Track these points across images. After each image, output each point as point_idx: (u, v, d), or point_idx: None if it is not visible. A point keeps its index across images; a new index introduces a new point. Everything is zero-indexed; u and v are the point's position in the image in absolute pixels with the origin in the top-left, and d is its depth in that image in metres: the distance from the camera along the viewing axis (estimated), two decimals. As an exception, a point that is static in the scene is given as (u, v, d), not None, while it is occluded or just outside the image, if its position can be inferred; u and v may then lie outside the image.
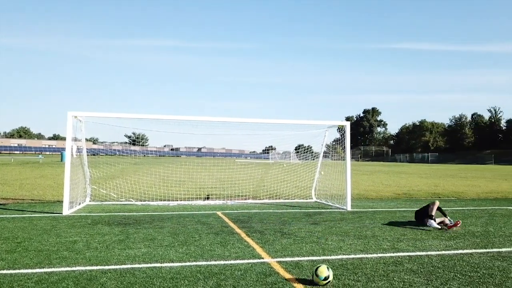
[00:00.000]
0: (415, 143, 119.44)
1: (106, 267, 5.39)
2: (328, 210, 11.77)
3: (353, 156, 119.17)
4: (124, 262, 5.64)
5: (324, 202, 13.47)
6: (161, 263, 5.62)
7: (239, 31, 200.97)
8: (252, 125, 12.47)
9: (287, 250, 6.50)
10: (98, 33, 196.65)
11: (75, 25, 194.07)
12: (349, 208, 11.83)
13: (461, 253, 6.51)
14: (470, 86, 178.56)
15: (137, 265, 5.51)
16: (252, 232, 7.98)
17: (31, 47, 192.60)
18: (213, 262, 5.71)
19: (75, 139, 11.34)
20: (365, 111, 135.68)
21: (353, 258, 6.10)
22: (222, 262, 5.72)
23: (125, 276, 5.01)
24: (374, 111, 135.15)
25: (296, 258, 6.01)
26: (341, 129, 13.22)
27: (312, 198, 14.40)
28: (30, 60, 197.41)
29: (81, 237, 7.30)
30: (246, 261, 5.82)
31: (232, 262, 5.76)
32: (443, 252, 6.58)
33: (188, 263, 5.65)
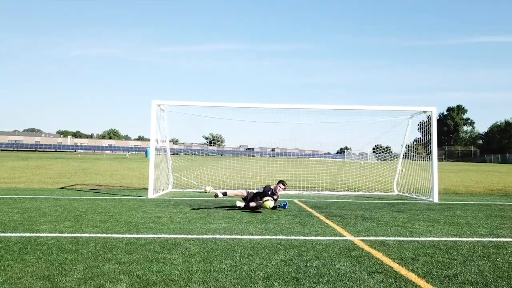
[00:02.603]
0: (508, 142, 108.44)
1: (189, 236, 5.52)
2: (412, 201, 11.05)
3: (436, 157, 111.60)
4: (205, 233, 5.74)
5: (407, 195, 12.68)
6: (241, 235, 5.62)
7: (310, 32, 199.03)
8: (330, 112, 12.14)
9: (370, 231, 6.16)
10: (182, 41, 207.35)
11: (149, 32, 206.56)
12: (436, 200, 10.99)
13: None
14: None
15: (218, 236, 5.57)
16: (332, 216, 7.72)
17: (119, 55, 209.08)
18: (292, 237, 5.58)
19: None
20: (449, 109, 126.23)
21: (445, 240, 5.59)
22: (302, 238, 5.57)
23: (207, 243, 5.09)
24: (460, 109, 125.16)
25: (381, 238, 5.65)
26: (423, 125, 12.37)
27: (394, 191, 13.65)
28: (117, 68, 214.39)
29: (165, 214, 7.61)
30: (327, 238, 5.61)
31: (313, 238, 5.57)
32: (555, 240, 5.77)
33: (267, 237, 5.58)
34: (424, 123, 13.42)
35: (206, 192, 12.23)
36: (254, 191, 8.92)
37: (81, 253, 4.54)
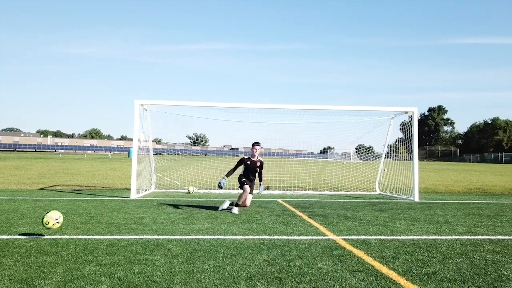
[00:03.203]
0: (486, 142, 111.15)
1: (172, 237, 5.49)
2: (393, 200, 11.22)
3: (417, 156, 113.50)
4: (188, 234, 5.72)
5: (389, 194, 12.87)
6: (224, 236, 5.62)
7: (298, 32, 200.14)
8: (313, 112, 12.22)
9: (352, 230, 6.23)
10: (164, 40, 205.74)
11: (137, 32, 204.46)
12: (416, 199, 11.18)
13: (551, 239, 5.83)
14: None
15: (201, 236, 5.55)
16: (315, 215, 7.78)
17: (102, 54, 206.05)
18: (276, 237, 5.60)
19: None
20: (430, 110, 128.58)
21: (425, 238, 5.70)
22: (285, 237, 5.59)
23: (190, 244, 5.07)
24: (440, 109, 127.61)
25: (363, 237, 5.73)
26: (405, 125, 12.59)
27: (375, 191, 13.83)
28: (98, 68, 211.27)
29: (147, 214, 7.55)
30: (310, 237, 5.65)
31: (296, 237, 5.61)
32: (530, 237, 5.95)
33: (251, 237, 5.59)
34: (405, 123, 13.64)
35: (189, 193, 12.19)
36: (244, 179, 8.27)
37: (61, 255, 4.46)
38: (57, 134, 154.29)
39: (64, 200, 9.63)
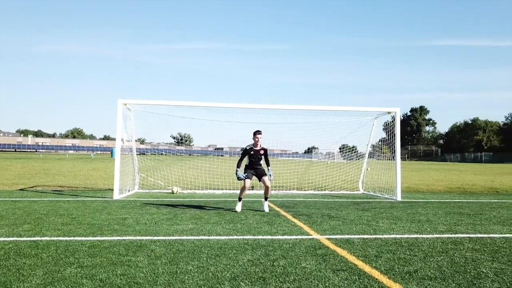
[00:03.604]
0: (467, 142, 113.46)
1: (155, 238, 5.44)
2: (376, 200, 11.35)
3: (400, 156, 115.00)
4: (172, 234, 5.67)
5: (372, 193, 13.02)
6: (208, 236, 5.59)
7: (276, 32, 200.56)
8: (298, 112, 12.27)
9: (336, 229, 6.28)
10: (147, 39, 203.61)
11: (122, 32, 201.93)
12: (399, 198, 11.35)
13: (528, 237, 5.99)
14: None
15: (185, 237, 5.52)
16: (299, 215, 7.81)
17: (85, 52, 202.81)
18: (260, 237, 5.61)
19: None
20: (412, 110, 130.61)
21: (407, 237, 5.78)
22: (269, 237, 5.60)
23: (173, 245, 5.03)
24: (422, 110, 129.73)
25: (346, 236, 5.78)
26: (388, 125, 12.77)
27: (359, 190, 13.97)
28: (81, 66, 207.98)
29: (130, 215, 7.46)
30: (294, 237, 5.67)
31: (280, 237, 5.62)
32: (508, 235, 6.09)
33: (235, 237, 5.58)
34: (388, 123, 13.84)
35: (173, 193, 12.10)
36: (247, 173, 8.20)
37: (41, 257, 4.37)
38: (38, 134, 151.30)
39: (44, 201, 9.45)
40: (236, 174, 8.23)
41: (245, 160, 8.53)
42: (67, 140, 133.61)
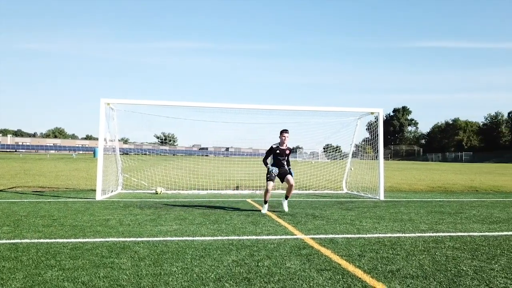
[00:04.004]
0: (448, 142, 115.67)
1: (139, 239, 5.38)
2: (360, 199, 11.48)
3: (383, 156, 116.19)
4: (156, 236, 5.62)
5: (356, 193, 13.16)
6: (192, 237, 5.56)
7: (259, 32, 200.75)
8: (282, 112, 12.31)
9: (320, 229, 6.32)
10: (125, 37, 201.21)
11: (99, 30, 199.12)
12: (382, 198, 11.50)
13: (506, 234, 6.15)
14: (505, 84, 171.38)
15: (169, 238, 5.48)
16: (283, 215, 7.84)
17: (67, 50, 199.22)
18: (245, 237, 5.60)
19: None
20: (395, 110, 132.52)
21: (390, 236, 5.86)
22: (254, 237, 5.61)
23: (157, 246, 4.98)
24: (405, 110, 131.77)
25: (330, 236, 5.82)
26: (371, 125, 12.93)
27: (343, 190, 14.10)
28: (63, 65, 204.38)
29: (113, 216, 7.37)
30: (278, 237, 5.69)
31: (265, 237, 5.63)
32: (487, 233, 6.23)
33: (220, 237, 5.57)
34: (372, 123, 14.00)
35: (157, 193, 12.00)
36: (274, 172, 8.08)
37: (21, 260, 4.28)
38: (18, 133, 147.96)
39: (24, 202, 9.25)
40: (270, 171, 8.15)
41: (270, 160, 8.46)
42: (48, 140, 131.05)
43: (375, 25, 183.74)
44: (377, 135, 12.37)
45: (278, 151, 8.31)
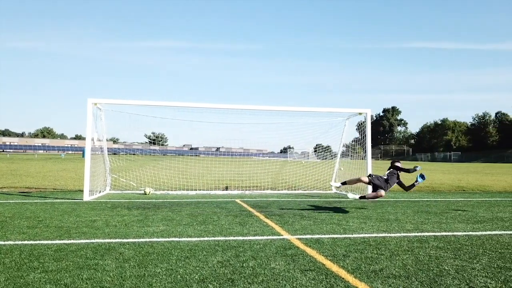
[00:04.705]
0: (436, 142, 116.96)
1: (125, 240, 5.36)
2: (348, 199, 11.53)
3: (373, 155, 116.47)
4: (142, 237, 5.61)
5: (344, 193, 13.23)
6: (179, 238, 5.56)
7: (249, 32, 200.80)
8: (273, 113, 12.35)
9: (307, 229, 6.36)
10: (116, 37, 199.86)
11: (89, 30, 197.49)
12: (370, 198, 11.57)
13: (489, 234, 6.24)
14: (492, 85, 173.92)
15: (155, 239, 5.47)
16: (271, 215, 7.87)
17: (55, 49, 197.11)
18: (231, 238, 5.61)
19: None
20: (384, 110, 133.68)
21: (375, 236, 5.91)
22: (240, 238, 5.62)
23: (143, 247, 4.97)
24: (394, 110, 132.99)
25: (317, 236, 5.86)
26: (360, 125, 13.04)
27: (331, 190, 14.17)
28: (50, 64, 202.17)
29: (100, 217, 7.32)
30: (265, 237, 5.71)
31: (251, 238, 5.65)
32: (470, 232, 6.32)
33: (206, 238, 5.57)
34: (361, 123, 14.08)
35: (146, 194, 11.95)
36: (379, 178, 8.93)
37: (3, 262, 4.24)
38: (5, 133, 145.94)
39: (10, 203, 9.15)
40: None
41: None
42: (36, 140, 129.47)
43: (365, 26, 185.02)
44: (365, 135, 12.47)
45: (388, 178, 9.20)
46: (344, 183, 9.12)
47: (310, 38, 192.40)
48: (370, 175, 9.06)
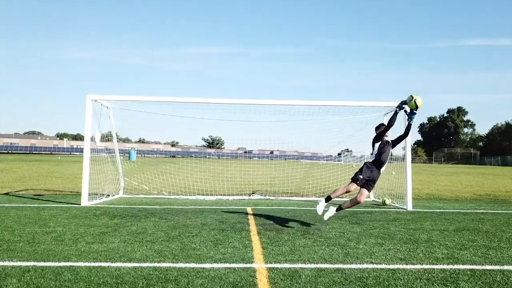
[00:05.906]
0: (508, 144, 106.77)
1: (44, 264, 4.16)
2: (382, 209, 9.68)
3: (436, 159, 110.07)
4: (69, 259, 4.38)
5: (378, 200, 11.32)
6: (113, 262, 4.27)
7: (289, 35, 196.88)
8: (310, 109, 10.87)
9: (293, 254, 4.79)
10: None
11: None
12: (409, 208, 9.62)
13: (559, 271, 4.28)
14: None
15: (82, 264, 4.21)
16: (267, 230, 6.36)
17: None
18: (179, 265, 4.23)
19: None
20: (449, 111, 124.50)
21: (382, 268, 4.22)
22: (193, 265, 4.21)
23: (62, 274, 3.71)
24: (460, 111, 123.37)
25: (299, 265, 4.30)
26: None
27: (369, 197, 12.24)
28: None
29: (65, 227, 6.28)
30: (227, 265, 4.26)
31: (208, 265, 4.22)
32: (529, 267, 4.40)
33: (146, 264, 4.23)
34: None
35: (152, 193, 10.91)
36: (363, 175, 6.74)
37: None
38: (77, 137, 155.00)
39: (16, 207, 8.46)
40: None
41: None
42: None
43: (419, 25, 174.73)
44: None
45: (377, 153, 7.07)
46: (328, 199, 6.89)
47: (366, 38, 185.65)
48: (356, 178, 6.80)
